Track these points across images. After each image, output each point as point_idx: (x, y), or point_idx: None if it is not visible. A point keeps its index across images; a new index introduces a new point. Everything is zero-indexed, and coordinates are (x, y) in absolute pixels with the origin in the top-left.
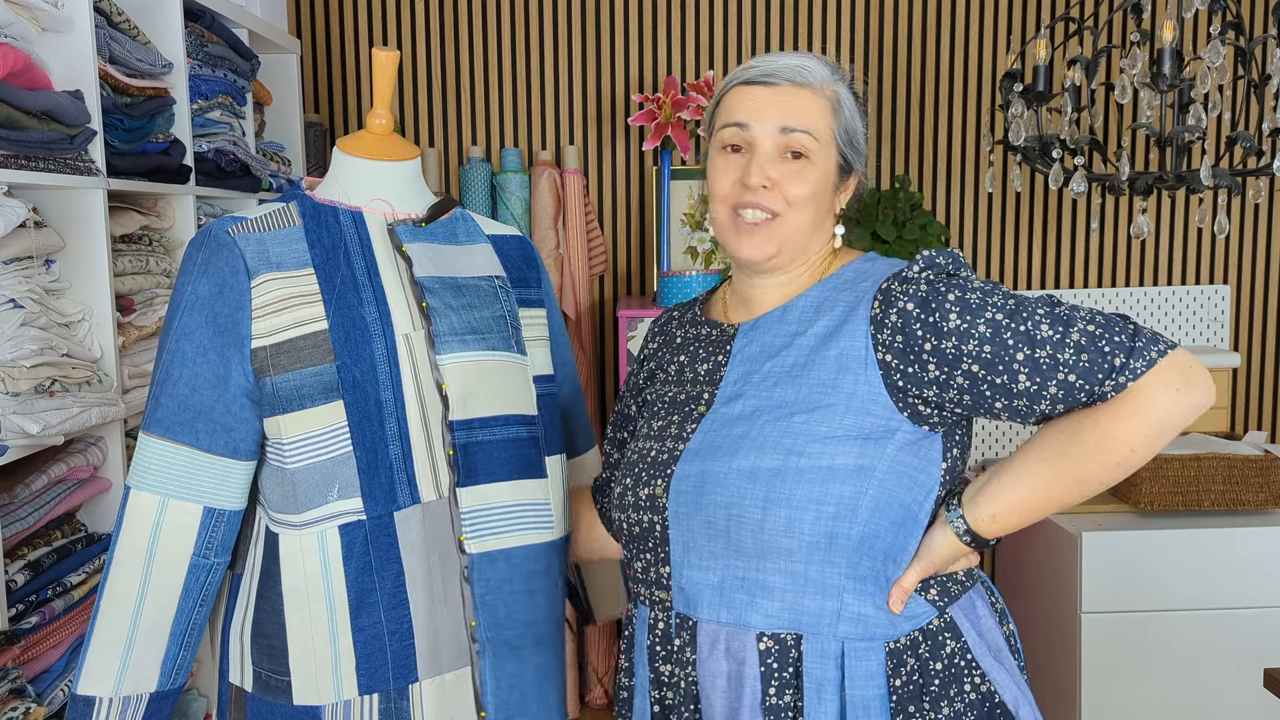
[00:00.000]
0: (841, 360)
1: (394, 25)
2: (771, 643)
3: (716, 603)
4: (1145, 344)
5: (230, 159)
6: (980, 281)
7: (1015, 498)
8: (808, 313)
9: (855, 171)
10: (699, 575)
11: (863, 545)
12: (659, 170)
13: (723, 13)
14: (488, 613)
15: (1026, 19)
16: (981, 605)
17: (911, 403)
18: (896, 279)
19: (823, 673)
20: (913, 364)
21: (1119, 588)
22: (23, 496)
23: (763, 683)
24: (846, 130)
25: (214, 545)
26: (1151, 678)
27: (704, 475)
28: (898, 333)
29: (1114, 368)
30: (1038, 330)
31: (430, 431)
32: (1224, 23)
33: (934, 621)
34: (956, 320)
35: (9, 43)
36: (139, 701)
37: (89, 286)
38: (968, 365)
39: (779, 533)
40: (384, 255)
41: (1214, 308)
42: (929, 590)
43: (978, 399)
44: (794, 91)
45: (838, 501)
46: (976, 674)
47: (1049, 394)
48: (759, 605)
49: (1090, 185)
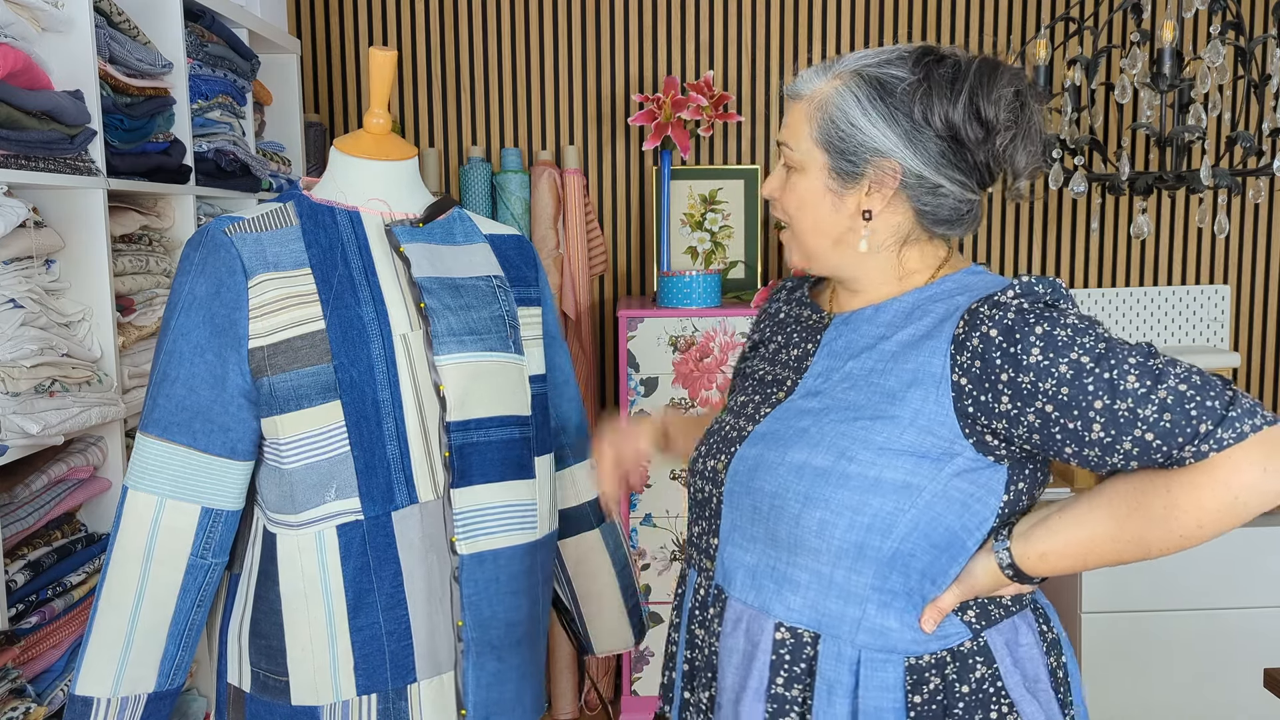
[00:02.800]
0: (917, 374)
1: (394, 25)
2: (788, 634)
3: (747, 584)
4: (1240, 414)
5: (230, 159)
6: (1076, 318)
7: (1069, 543)
8: (898, 318)
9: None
10: (738, 554)
11: (895, 561)
12: (659, 170)
13: (723, 13)
14: (474, 613)
15: (1026, 19)
16: (1026, 633)
17: (979, 431)
18: (988, 301)
19: (836, 675)
20: (986, 392)
21: (1119, 588)
22: (23, 496)
23: (771, 670)
24: (829, 130)
25: (212, 545)
26: (1151, 678)
27: (759, 460)
28: (977, 357)
29: (1198, 434)
30: (1124, 380)
31: (428, 432)
32: (1224, 23)
33: (966, 644)
34: (1039, 356)
35: (9, 43)
36: (137, 702)
37: (89, 286)
38: (1041, 404)
39: (811, 532)
40: (381, 255)
41: (1214, 308)
42: (966, 611)
43: (1047, 440)
44: (792, 107)
45: (874, 514)
46: (1005, 703)
47: (1122, 449)
48: (783, 596)
49: (1090, 185)
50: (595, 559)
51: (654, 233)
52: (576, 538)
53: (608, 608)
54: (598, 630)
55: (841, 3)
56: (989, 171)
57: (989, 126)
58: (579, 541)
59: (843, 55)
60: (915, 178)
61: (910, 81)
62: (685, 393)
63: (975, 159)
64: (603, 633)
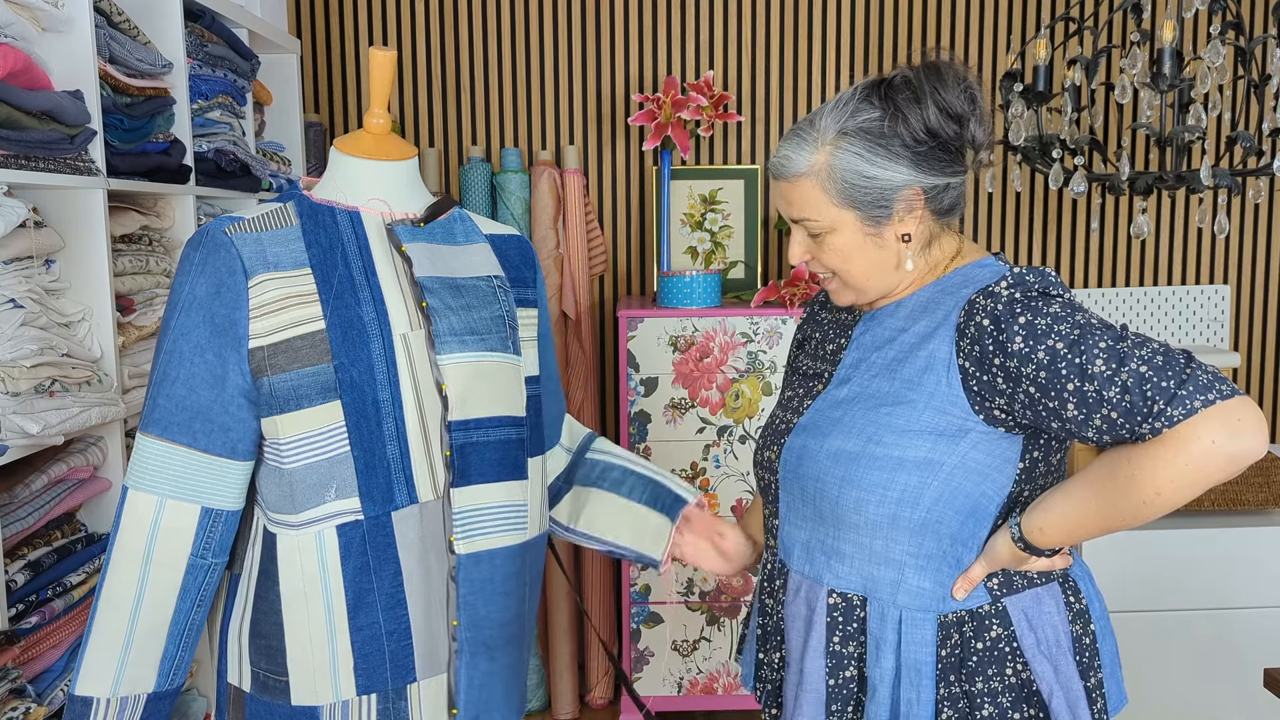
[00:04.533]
0: (929, 361)
1: (394, 25)
2: (839, 599)
3: (803, 558)
4: (1192, 391)
5: (230, 159)
6: (1060, 305)
7: (1061, 515)
8: (916, 311)
9: (894, 207)
10: (794, 532)
11: (926, 528)
12: (659, 170)
13: (723, 13)
14: (469, 613)
15: (1026, 19)
16: (1050, 602)
17: (987, 407)
18: (984, 292)
19: (882, 633)
20: (985, 373)
21: (1119, 588)
22: (23, 496)
23: (827, 631)
24: (849, 191)
25: (212, 545)
26: (1151, 678)
27: (804, 449)
28: (975, 343)
29: (1153, 412)
30: (1091, 365)
31: (428, 431)
32: (1224, 23)
33: (985, 606)
34: (1020, 343)
35: (9, 43)
36: (137, 702)
37: (89, 286)
38: (1026, 386)
39: (849, 509)
40: (381, 255)
41: (1214, 308)
42: (992, 579)
43: (1037, 416)
44: (787, 188)
45: (902, 488)
46: (1019, 661)
47: (1094, 425)
48: (832, 567)
49: (1090, 185)
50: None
51: (654, 233)
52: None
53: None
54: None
55: (841, 3)
56: (963, 154)
57: (959, 119)
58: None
59: (807, 125)
60: (931, 188)
61: (885, 116)
62: (685, 393)
63: (955, 148)
64: (645, 537)
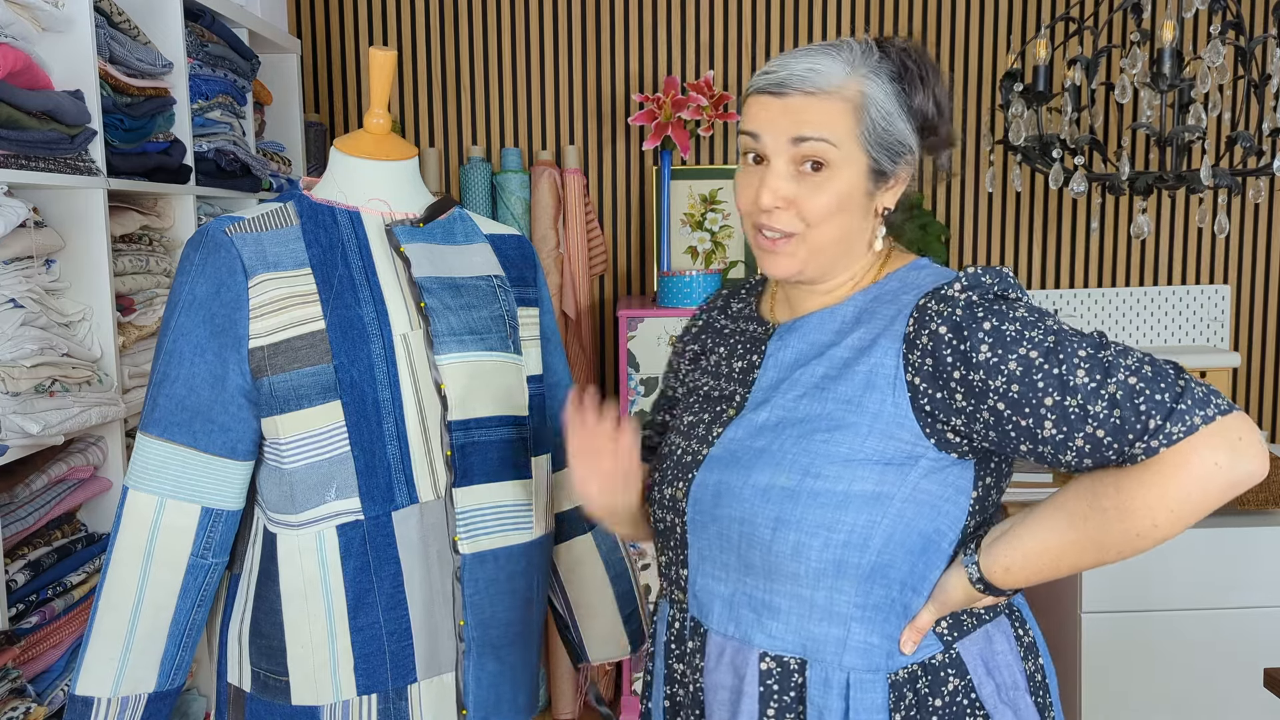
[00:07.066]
0: (870, 377)
1: (394, 25)
2: (774, 664)
3: (725, 616)
4: (1190, 406)
5: (230, 159)
6: (1025, 310)
7: (1031, 553)
8: (846, 323)
9: (896, 171)
10: (712, 584)
11: (875, 574)
12: (659, 170)
13: (723, 13)
14: (476, 612)
15: (1026, 19)
16: (1001, 640)
17: (939, 429)
18: (935, 296)
19: (825, 702)
20: (941, 390)
21: (1119, 588)
22: (23, 496)
23: (760, 702)
24: (877, 130)
25: (212, 545)
26: (1151, 678)
27: (721, 486)
28: (928, 355)
29: (1147, 429)
30: (1073, 376)
31: (428, 431)
32: (1224, 23)
33: (938, 656)
34: (987, 353)
35: (9, 43)
36: (137, 702)
37: (89, 286)
38: (993, 402)
39: (786, 556)
40: (381, 255)
41: (1214, 308)
42: (939, 623)
43: (1003, 438)
44: (804, 103)
45: (849, 529)
46: (980, 715)
47: (1075, 446)
48: (764, 625)
49: (1090, 185)
50: (588, 565)
51: (654, 233)
52: (568, 543)
53: (602, 615)
54: (591, 638)
55: (841, 3)
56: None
57: (940, 112)
58: (570, 547)
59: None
60: (918, 168)
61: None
62: None
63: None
64: (596, 640)
